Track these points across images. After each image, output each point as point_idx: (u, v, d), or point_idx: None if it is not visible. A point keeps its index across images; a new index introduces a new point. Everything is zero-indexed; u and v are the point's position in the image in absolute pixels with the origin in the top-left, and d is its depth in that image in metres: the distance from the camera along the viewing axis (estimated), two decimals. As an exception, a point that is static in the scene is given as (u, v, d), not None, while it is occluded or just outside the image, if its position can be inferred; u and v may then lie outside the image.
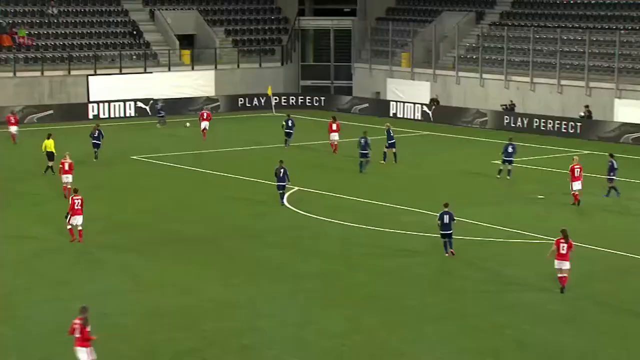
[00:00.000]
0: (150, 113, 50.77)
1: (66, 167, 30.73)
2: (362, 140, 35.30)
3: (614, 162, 31.60)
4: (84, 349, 16.07)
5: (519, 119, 47.31)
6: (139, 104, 51.60)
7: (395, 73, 54.90)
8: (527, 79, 49.34)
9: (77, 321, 16.11)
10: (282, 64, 57.94)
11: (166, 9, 57.33)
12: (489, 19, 54.69)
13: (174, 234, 27.03)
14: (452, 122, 49.12)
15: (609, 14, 49.70)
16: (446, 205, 24.23)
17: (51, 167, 34.34)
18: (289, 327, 19.73)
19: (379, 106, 53.32)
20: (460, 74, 52.02)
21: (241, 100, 54.04)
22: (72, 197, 25.74)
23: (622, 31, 47.21)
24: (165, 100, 49.92)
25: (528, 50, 49.99)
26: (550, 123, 46.15)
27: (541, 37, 50.27)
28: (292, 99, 55.61)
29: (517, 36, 51.31)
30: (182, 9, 57.91)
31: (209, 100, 53.83)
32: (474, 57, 52.22)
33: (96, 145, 37.76)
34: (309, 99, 55.76)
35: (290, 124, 41.43)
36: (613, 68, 46.30)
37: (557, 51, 48.81)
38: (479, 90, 51.22)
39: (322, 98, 55.88)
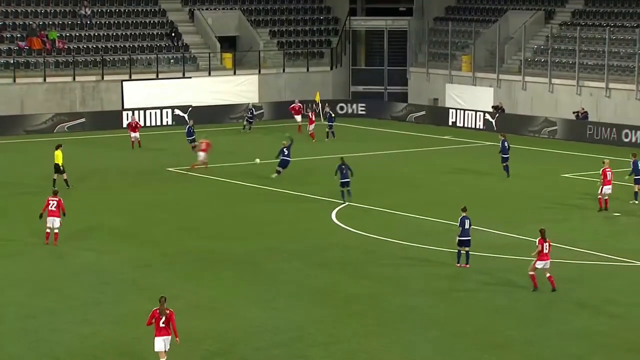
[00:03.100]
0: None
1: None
2: (343, 167, 33.22)
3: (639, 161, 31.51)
4: (160, 338, 17.96)
5: (593, 128, 46.67)
6: (177, 112, 52.10)
7: (455, 78, 54.63)
8: (602, 85, 48.71)
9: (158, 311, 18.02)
10: (332, 68, 58.08)
11: (207, 9, 57.92)
12: (559, 18, 54.17)
13: (211, 252, 27.15)
14: (518, 131, 48.66)
15: (694, 12, 48.90)
16: (464, 210, 24.88)
17: (64, 180, 34.48)
18: (337, 354, 19.65)
19: (437, 114, 53.09)
20: (527, 78, 51.57)
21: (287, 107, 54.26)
22: (48, 198, 26.60)
23: None
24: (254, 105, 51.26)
25: (603, 53, 49.38)
26: (628, 133, 45.45)
27: (617, 37, 49.65)
28: (342, 106, 55.65)
29: (590, 37, 50.74)
30: (223, 9, 58.45)
31: (253, 106, 54.15)
32: (543, 60, 51.74)
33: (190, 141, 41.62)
34: (361, 106, 55.76)
35: (330, 116, 44.81)
36: (698, 72, 45.50)
37: (636, 53, 48.11)
38: (547, 96, 50.71)
39: (375, 105, 55.84)
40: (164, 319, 17.99)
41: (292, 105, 49.67)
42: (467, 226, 24.88)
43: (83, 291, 23.63)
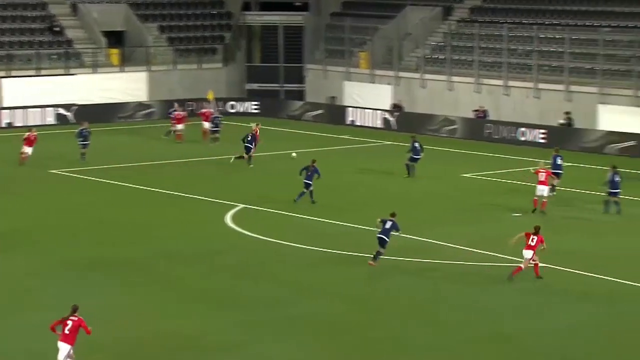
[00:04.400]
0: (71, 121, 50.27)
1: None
2: (311, 169, 33.52)
3: (616, 174, 32.51)
4: (62, 343, 18.22)
5: (492, 127, 47.88)
6: (60, 110, 51.12)
7: (353, 75, 55.25)
8: (501, 82, 50.00)
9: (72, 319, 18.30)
10: (225, 65, 57.94)
11: (91, 2, 57.01)
12: (457, 15, 55.35)
13: (102, 259, 26.79)
14: (418, 130, 49.44)
15: (591, 9, 50.62)
16: (393, 215, 26.02)
17: None
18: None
19: (335, 113, 53.59)
20: (426, 76, 52.54)
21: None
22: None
23: (606, 29, 48.12)
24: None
25: (501, 50, 50.69)
26: (526, 131, 46.77)
27: (516, 35, 51.02)
28: (236, 104, 55.56)
29: (489, 34, 51.99)
30: (109, 2, 57.67)
31: (141, 106, 53.59)
32: (441, 57, 52.79)
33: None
34: (254, 104, 55.80)
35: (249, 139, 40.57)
36: (596, 70, 47.17)
37: (534, 51, 49.57)
38: (447, 94, 51.77)
39: (270, 103, 55.98)
40: (70, 325, 18.20)
41: (202, 111, 48.07)
42: (387, 226, 25.81)
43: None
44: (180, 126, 46.13)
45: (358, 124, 51.94)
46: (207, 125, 46.02)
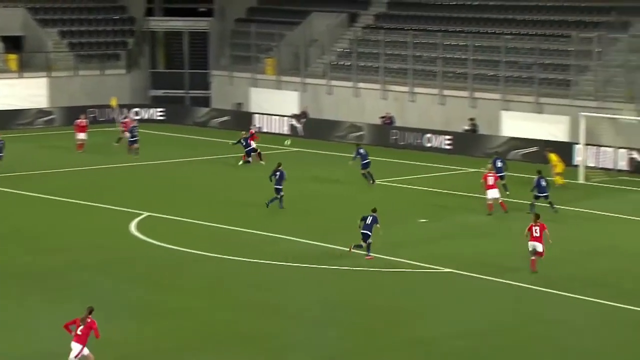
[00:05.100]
0: None
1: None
2: (278, 173, 34.02)
3: (542, 179, 33.87)
4: (75, 343, 18.97)
5: (398, 133, 48.73)
6: (-44, 118, 50.04)
7: (260, 82, 55.52)
8: (406, 89, 50.94)
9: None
10: (128, 71, 57.56)
11: (-13, 6, 56.01)
12: (363, 21, 56.16)
13: (2, 268, 26.46)
14: (324, 137, 50.07)
15: (493, 17, 52.00)
16: (374, 211, 27.82)
17: None
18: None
19: (241, 119, 53.71)
20: (332, 82, 53.17)
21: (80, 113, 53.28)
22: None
23: (508, 36, 49.50)
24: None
25: (407, 57, 51.64)
26: (432, 137, 47.73)
27: (421, 42, 52.03)
28: (140, 111, 55.20)
29: (394, 41, 52.88)
30: (5, 6, 56.68)
31: (42, 112, 52.85)
32: (347, 63, 53.49)
33: None
34: (159, 111, 55.57)
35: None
36: (499, 77, 48.49)
37: (439, 58, 50.66)
38: (353, 101, 52.47)
39: (175, 110, 55.81)
40: (82, 327, 18.94)
41: (123, 120, 47.50)
42: (368, 221, 27.48)
43: None
44: (82, 135, 45.59)
45: (265, 130, 52.19)
46: (127, 135, 44.98)
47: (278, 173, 34.07)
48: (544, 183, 33.90)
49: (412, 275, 26.85)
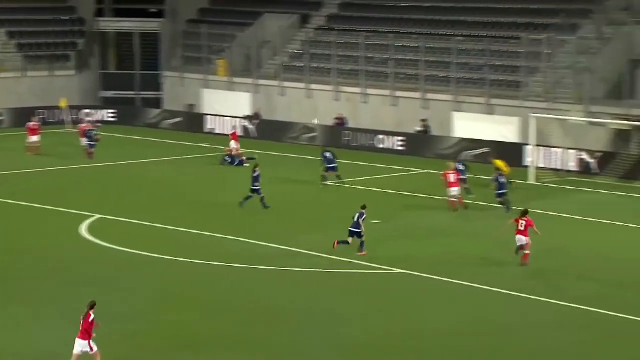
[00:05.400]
0: None
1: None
2: (255, 174, 34.07)
3: (500, 177, 34.73)
4: (78, 340, 19.12)
5: (351, 135, 48.98)
6: None
7: (212, 83, 55.48)
8: (359, 90, 51.21)
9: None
10: (78, 72, 57.16)
11: None
12: (315, 23, 56.35)
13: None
14: (278, 138, 50.18)
15: (443, 19, 52.49)
16: (364, 207, 28.55)
17: None
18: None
19: (194, 121, 53.67)
20: (285, 84, 53.28)
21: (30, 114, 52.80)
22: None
23: (459, 38, 49.99)
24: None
25: (359, 58, 51.92)
26: (384, 139, 48.04)
27: (373, 43, 52.34)
28: (91, 112, 54.78)
29: (346, 42, 53.15)
30: (-50, 7, 56.06)
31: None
32: (300, 65, 53.63)
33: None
34: (110, 112, 55.26)
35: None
36: (450, 78, 48.96)
37: (391, 59, 51.01)
38: (306, 102, 52.63)
39: (127, 111, 55.55)
40: (82, 322, 19.06)
41: (80, 126, 46.88)
42: (355, 218, 28.14)
43: None
44: (35, 138, 45.01)
45: (217, 132, 52.16)
46: (85, 141, 44.33)
47: (255, 174, 34.10)
48: (502, 180, 34.76)
49: (364, 276, 27.06)
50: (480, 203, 35.33)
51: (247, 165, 42.22)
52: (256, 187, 34.00)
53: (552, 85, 46.04)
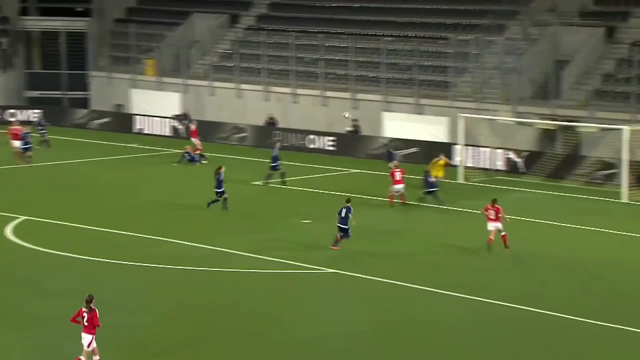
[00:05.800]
0: None
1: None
2: (220, 176, 34.18)
3: (429, 176, 35.77)
4: (84, 334, 19.27)
5: (281, 135, 49.04)
6: None
7: (140, 83, 55.07)
8: (289, 90, 51.31)
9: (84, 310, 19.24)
10: (2, 72, 56.24)
11: None
12: (244, 23, 56.30)
13: None
14: (207, 138, 49.96)
15: (372, 19, 52.88)
16: (348, 201, 29.34)
17: None
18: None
19: (122, 121, 53.22)
20: (215, 84, 53.13)
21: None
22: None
23: (388, 38, 50.42)
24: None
25: (289, 58, 52.02)
26: (315, 139, 48.22)
27: (303, 43, 52.50)
28: (16, 112, 53.99)
29: (276, 42, 53.21)
30: None
31: None
32: (230, 65, 53.53)
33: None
34: (35, 112, 54.48)
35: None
36: (380, 78, 49.35)
37: (321, 59, 51.22)
38: (236, 102, 52.55)
39: (53, 111, 54.83)
40: (86, 317, 19.17)
41: (11, 128, 45.80)
42: (342, 214, 28.84)
43: None
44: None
45: (146, 132, 51.78)
46: (17, 144, 42.98)
47: (217, 176, 33.97)
48: (431, 179, 35.61)
49: (294, 276, 27.15)
50: (415, 203, 35.67)
51: (205, 162, 42.66)
52: (220, 189, 33.80)
53: (480, 86, 46.72)
